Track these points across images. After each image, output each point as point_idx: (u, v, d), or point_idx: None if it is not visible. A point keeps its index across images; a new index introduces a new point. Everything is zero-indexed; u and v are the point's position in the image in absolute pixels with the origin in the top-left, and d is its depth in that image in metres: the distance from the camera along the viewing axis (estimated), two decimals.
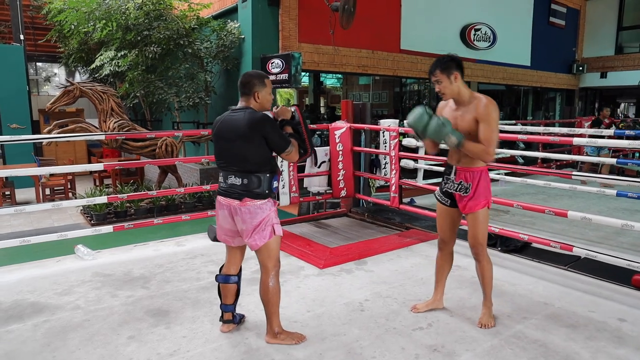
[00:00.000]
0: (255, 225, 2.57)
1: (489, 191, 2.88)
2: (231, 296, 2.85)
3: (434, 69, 2.73)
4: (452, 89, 2.72)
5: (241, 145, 2.53)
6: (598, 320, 3.02)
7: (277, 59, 7.33)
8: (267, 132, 2.52)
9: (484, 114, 2.66)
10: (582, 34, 14.39)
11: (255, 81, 2.60)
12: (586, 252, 3.58)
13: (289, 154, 2.61)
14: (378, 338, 2.79)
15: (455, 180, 2.87)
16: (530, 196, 7.22)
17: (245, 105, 2.61)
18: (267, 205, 2.60)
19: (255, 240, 2.59)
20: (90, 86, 7.22)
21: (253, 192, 2.56)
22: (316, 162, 5.46)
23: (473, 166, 2.81)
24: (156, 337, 2.80)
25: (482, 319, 2.96)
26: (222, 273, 2.86)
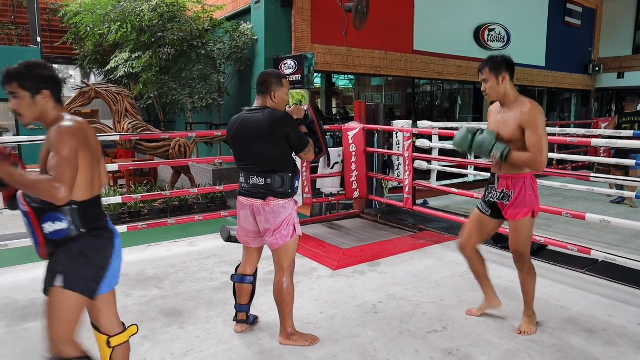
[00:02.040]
0: (278, 224, 2.57)
1: (535, 199, 2.75)
2: (246, 296, 2.85)
3: (483, 67, 2.66)
4: (499, 90, 2.65)
5: (262, 145, 2.52)
6: (617, 324, 2.96)
7: (290, 60, 7.34)
8: (288, 131, 2.51)
9: (528, 120, 2.55)
10: (598, 34, 14.17)
11: (272, 80, 2.59)
12: (604, 256, 3.51)
13: (307, 153, 2.61)
14: (392, 340, 2.76)
15: (498, 189, 2.78)
16: (546, 198, 7.11)
17: (262, 105, 2.60)
18: (290, 204, 2.61)
19: (277, 239, 2.59)
20: (105, 87, 7.30)
21: (276, 192, 2.56)
22: (329, 163, 5.44)
23: (516, 173, 2.70)
24: (170, 337, 2.81)
25: (521, 326, 2.87)
26: (238, 273, 2.86)
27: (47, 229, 1.79)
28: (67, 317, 1.82)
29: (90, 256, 1.84)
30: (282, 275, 2.65)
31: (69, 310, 1.82)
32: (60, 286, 1.80)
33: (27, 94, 1.78)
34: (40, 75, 1.79)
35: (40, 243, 1.82)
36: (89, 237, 1.85)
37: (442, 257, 4.28)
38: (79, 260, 1.82)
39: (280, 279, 2.65)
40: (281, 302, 2.66)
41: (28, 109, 1.80)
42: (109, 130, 7.12)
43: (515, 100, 2.66)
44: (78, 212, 1.82)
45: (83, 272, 1.83)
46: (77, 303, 1.83)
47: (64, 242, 1.82)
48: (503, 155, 2.58)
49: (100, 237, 1.89)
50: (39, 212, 1.78)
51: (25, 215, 1.80)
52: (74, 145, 1.73)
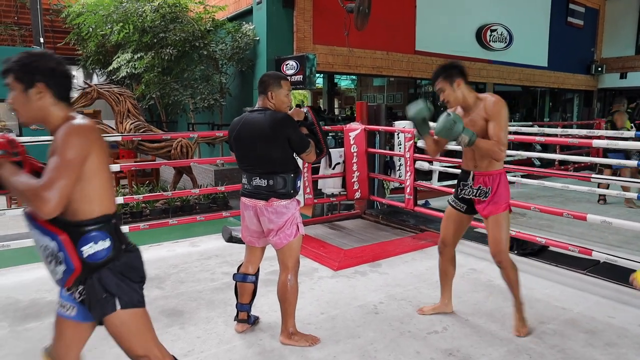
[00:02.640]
0: (281, 224, 2.59)
1: (509, 194, 2.82)
2: (247, 295, 2.86)
3: (436, 78, 2.70)
4: (456, 96, 2.68)
5: (264, 147, 2.54)
6: (618, 326, 2.96)
7: (291, 60, 7.34)
8: (289, 132, 2.52)
9: (493, 112, 2.60)
10: (601, 34, 14.14)
11: (270, 80, 2.60)
12: (606, 257, 3.51)
13: (309, 154, 2.62)
14: (392, 341, 2.76)
15: (474, 186, 2.80)
16: (547, 199, 7.11)
17: (262, 105, 2.62)
18: (292, 204, 2.63)
19: (281, 239, 2.61)
20: (108, 88, 7.32)
21: (278, 193, 2.58)
22: (330, 164, 5.44)
23: (491, 170, 2.75)
24: (171, 337, 2.81)
25: (516, 325, 2.88)
26: (240, 272, 2.87)
27: (87, 252, 1.54)
28: (141, 333, 1.71)
29: (134, 270, 1.69)
30: (286, 274, 2.66)
31: (140, 325, 1.70)
32: (120, 309, 1.62)
33: (20, 86, 1.52)
34: (38, 66, 1.52)
35: (76, 269, 1.53)
36: (128, 252, 1.68)
37: None
38: (126, 276, 1.64)
39: (285, 278, 2.66)
40: (284, 301, 2.67)
41: (22, 105, 1.54)
42: (111, 130, 7.14)
43: (476, 100, 2.69)
44: (115, 227, 1.63)
45: (134, 286, 1.68)
46: (141, 316, 1.71)
47: (108, 261, 1.60)
48: (471, 140, 2.56)
49: (132, 250, 1.71)
50: (75, 234, 1.52)
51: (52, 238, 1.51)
52: (82, 148, 1.47)
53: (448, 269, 3.07)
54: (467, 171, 2.85)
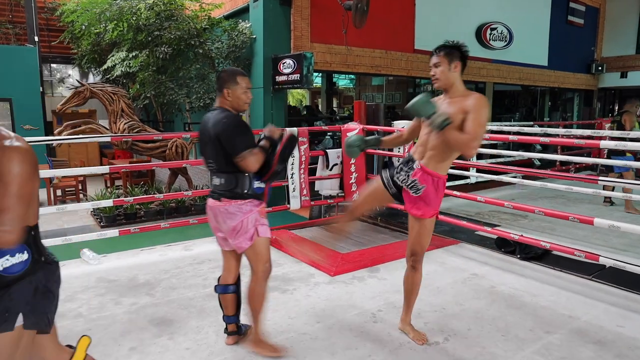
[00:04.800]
0: (235, 226, 2.46)
1: (439, 201, 2.67)
2: (232, 307, 2.71)
3: (438, 50, 2.57)
4: (448, 77, 2.52)
5: (212, 146, 2.45)
6: (628, 336, 2.83)
7: (288, 59, 7.19)
8: (222, 130, 2.37)
9: (473, 106, 2.42)
10: (601, 33, 14.00)
11: (225, 77, 2.48)
12: (613, 262, 3.38)
13: (244, 159, 2.38)
14: (392, 353, 2.63)
15: (412, 176, 2.61)
16: (549, 200, 6.98)
17: (218, 104, 2.52)
18: (247, 206, 2.47)
19: (240, 243, 2.48)
20: (101, 87, 7.17)
21: (231, 192, 2.45)
22: (328, 165, 5.31)
23: (435, 171, 2.58)
24: (158, 349, 2.68)
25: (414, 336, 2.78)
26: (220, 283, 2.73)
27: (3, 265, 1.45)
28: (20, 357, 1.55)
29: (50, 287, 1.59)
30: (254, 280, 2.55)
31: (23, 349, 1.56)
32: (19, 326, 1.51)
33: None
34: None
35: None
36: (47, 266, 1.59)
37: (444, 262, 4.15)
38: (39, 293, 1.55)
39: (253, 283, 2.54)
40: (252, 305, 2.56)
41: None
42: (105, 130, 6.99)
43: (463, 93, 2.53)
44: (34, 239, 1.53)
45: (44, 306, 1.57)
46: (29, 340, 1.57)
47: (22, 277, 1.50)
48: (443, 124, 2.39)
49: (52, 263, 1.62)
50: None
51: None
52: (26, 176, 1.42)
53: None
54: (413, 159, 2.66)
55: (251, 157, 2.39)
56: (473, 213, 5.99)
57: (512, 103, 14.21)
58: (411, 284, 2.80)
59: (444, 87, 2.57)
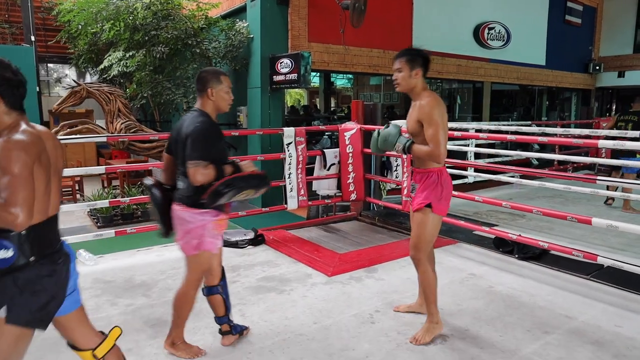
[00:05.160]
0: (184, 232, 2.44)
1: (438, 193, 2.69)
2: (221, 307, 2.69)
3: (400, 56, 2.67)
4: (409, 82, 2.65)
5: (181, 147, 2.38)
6: (626, 336, 2.82)
7: (286, 58, 7.17)
8: (191, 133, 2.31)
9: (424, 114, 2.58)
10: (599, 33, 14.01)
11: (209, 77, 2.44)
12: (612, 262, 3.37)
13: (194, 167, 2.27)
14: (389, 354, 2.62)
15: (413, 182, 2.82)
16: (547, 199, 6.98)
17: (199, 105, 2.47)
18: (200, 216, 2.40)
19: (185, 246, 2.46)
20: (97, 87, 7.14)
21: (190, 199, 2.40)
22: (325, 165, 5.29)
23: (424, 167, 2.72)
24: (154, 350, 2.66)
25: (417, 333, 2.77)
26: (205, 285, 2.68)
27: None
28: (7, 353, 1.59)
29: (40, 285, 1.61)
30: (185, 287, 2.53)
31: (10, 345, 1.60)
32: (2, 318, 1.57)
33: None
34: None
35: None
36: (39, 265, 1.61)
37: (442, 262, 4.12)
38: (26, 290, 1.58)
39: (183, 289, 2.53)
40: (176, 310, 2.55)
41: None
42: (102, 130, 6.96)
43: (421, 95, 2.66)
44: (27, 237, 1.57)
45: (31, 303, 1.59)
46: (20, 338, 1.61)
47: (10, 271, 1.56)
48: (405, 148, 2.60)
49: (53, 263, 1.66)
50: None
51: None
52: (25, 161, 1.50)
53: None
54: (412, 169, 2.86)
55: (202, 169, 2.28)
56: (471, 213, 5.98)
57: (510, 102, 14.21)
58: (420, 282, 2.85)
59: (404, 91, 2.71)
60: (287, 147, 4.86)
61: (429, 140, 2.56)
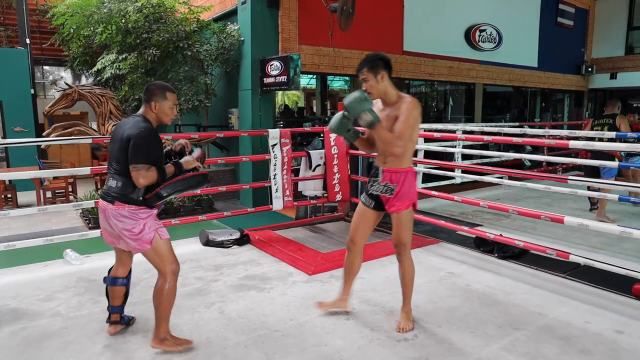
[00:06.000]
0: (128, 229, 2.52)
1: (415, 192, 2.89)
2: (119, 298, 2.84)
3: (362, 67, 2.74)
4: (379, 88, 2.74)
5: (119, 148, 2.50)
6: (594, 332, 2.89)
7: (275, 60, 7.25)
8: (134, 136, 2.42)
9: (404, 110, 2.68)
10: (591, 35, 14.11)
11: (156, 91, 2.57)
12: (583, 260, 3.44)
13: (137, 171, 2.42)
14: (360, 349, 2.68)
15: (381, 182, 2.86)
16: (534, 200, 7.06)
17: (141, 112, 2.59)
18: (139, 212, 2.53)
19: (139, 245, 2.55)
20: (89, 89, 7.22)
21: (125, 197, 2.51)
22: (311, 166, 5.36)
23: (398, 167, 2.80)
24: (132, 346, 2.73)
25: (400, 322, 2.92)
26: (110, 275, 2.83)
27: None
28: None
29: None
30: (162, 280, 2.61)
31: None
32: None
33: None
34: None
35: None
36: None
37: (422, 262, 4.20)
38: None
39: (162, 283, 2.60)
40: (159, 305, 2.61)
41: None
42: (93, 132, 7.03)
43: (398, 98, 2.76)
44: None
45: None
46: None
47: None
48: (373, 122, 2.62)
49: None
50: None
51: None
52: None
53: (354, 263, 3.08)
54: (377, 167, 2.91)
55: (145, 172, 2.42)
56: (457, 213, 6.05)
57: (503, 104, 14.28)
58: (401, 276, 2.94)
59: (378, 97, 2.78)
60: (272, 149, 4.93)
61: (395, 129, 2.67)
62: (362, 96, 2.62)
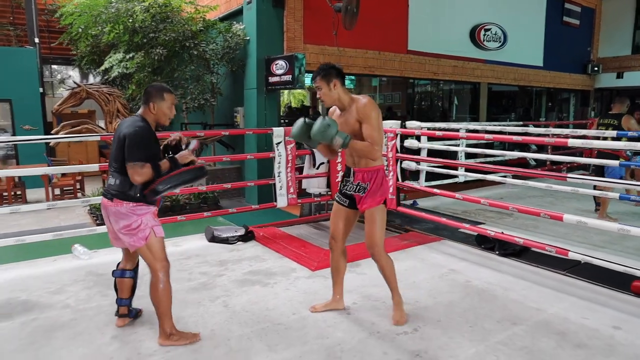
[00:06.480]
0: (126, 226, 2.60)
1: (386, 188, 2.98)
2: (127, 290, 2.93)
3: (315, 76, 2.84)
4: (332, 95, 2.83)
5: (117, 146, 2.59)
6: (590, 327, 2.94)
7: (280, 60, 7.32)
8: (130, 135, 2.52)
9: (364, 114, 2.77)
10: (597, 34, 14.07)
11: (154, 92, 2.65)
12: (582, 257, 3.48)
13: (132, 168, 2.51)
14: (360, 342, 2.75)
15: (354, 182, 2.94)
16: (537, 199, 7.08)
17: (140, 113, 2.67)
18: (137, 209, 2.61)
19: (134, 241, 2.63)
20: (97, 88, 7.31)
21: (124, 194, 2.59)
22: (314, 164, 5.43)
23: (369, 166, 2.88)
24: (139, 337, 2.81)
25: (394, 316, 3.00)
26: (119, 268, 2.93)
27: None
28: None
29: None
30: (156, 276, 2.68)
31: None
32: None
33: None
34: None
35: None
36: None
37: (424, 259, 4.27)
38: None
39: (155, 280, 2.68)
40: (157, 303, 2.68)
41: None
42: (100, 130, 7.13)
43: (350, 101, 2.85)
44: None
45: None
46: None
47: None
48: (345, 142, 2.71)
49: None
50: None
51: None
52: None
53: (339, 263, 3.15)
54: (349, 168, 2.98)
55: (140, 169, 2.50)
56: (460, 211, 6.10)
57: (508, 103, 14.28)
58: (381, 273, 3.02)
59: (331, 105, 2.89)
60: (277, 147, 5.00)
61: (366, 137, 2.75)
62: (325, 123, 2.68)
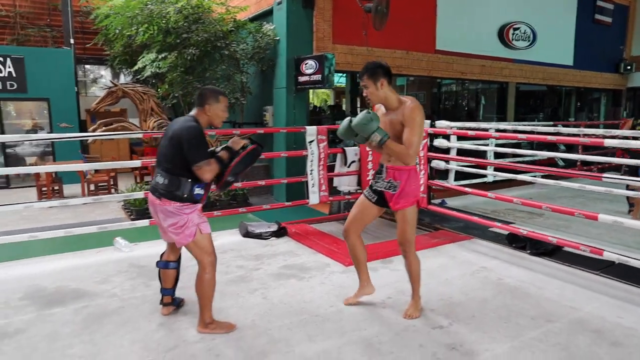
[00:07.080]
0: (173, 224, 2.72)
1: (418, 190, 3.01)
2: (170, 281, 3.07)
3: (362, 75, 2.85)
4: (379, 95, 2.84)
5: (168, 146, 2.69)
6: (626, 326, 2.95)
7: (310, 60, 7.42)
8: (184, 139, 2.61)
9: (408, 117, 2.77)
10: (631, 32, 13.73)
11: (209, 94, 2.75)
12: (617, 257, 3.48)
13: (200, 168, 2.61)
14: (397, 335, 2.83)
15: (385, 179, 2.98)
16: (568, 199, 7.01)
17: (194, 115, 2.75)
18: (184, 208, 2.71)
19: (180, 239, 2.76)
20: (132, 87, 7.56)
21: (171, 194, 2.68)
22: (346, 162, 5.52)
23: (402, 165, 2.90)
24: (184, 325, 2.95)
25: (408, 310, 3.06)
26: (163, 259, 3.07)
27: None
28: None
29: None
30: (202, 270, 2.81)
31: None
32: None
33: None
34: None
35: None
36: None
37: (455, 256, 4.31)
38: None
39: (202, 273, 2.81)
40: (202, 294, 2.82)
41: None
42: (135, 128, 7.37)
43: (398, 102, 2.85)
44: None
45: None
46: None
47: None
48: (382, 140, 2.73)
49: None
50: None
51: None
52: None
53: (356, 252, 3.19)
54: (381, 164, 3.02)
55: (207, 167, 2.62)
56: (489, 211, 6.10)
57: (537, 103, 14.08)
58: (408, 270, 3.10)
59: (378, 103, 2.92)
60: (310, 145, 5.11)
61: (404, 140, 2.77)
62: (369, 116, 2.71)
